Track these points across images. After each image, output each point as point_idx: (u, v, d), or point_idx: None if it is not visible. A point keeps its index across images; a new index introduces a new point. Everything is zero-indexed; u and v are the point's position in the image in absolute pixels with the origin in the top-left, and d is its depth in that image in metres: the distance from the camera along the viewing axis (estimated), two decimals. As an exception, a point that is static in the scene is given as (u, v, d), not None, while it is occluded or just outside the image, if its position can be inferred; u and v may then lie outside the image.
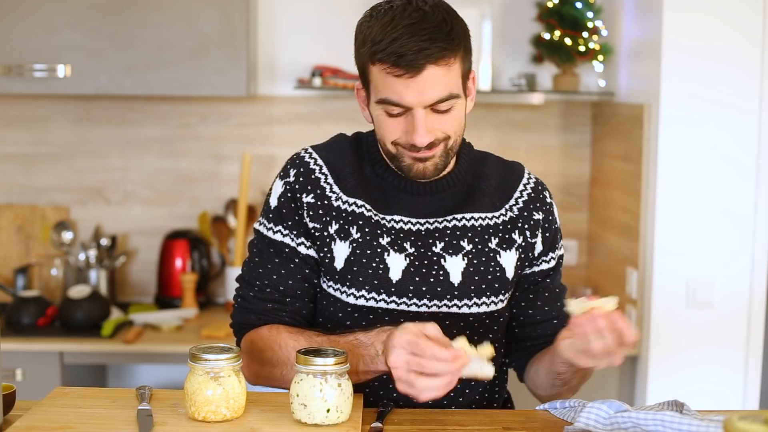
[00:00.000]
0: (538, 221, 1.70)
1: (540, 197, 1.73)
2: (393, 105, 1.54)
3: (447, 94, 1.53)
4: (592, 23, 3.04)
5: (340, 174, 1.65)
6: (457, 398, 1.67)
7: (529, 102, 3.16)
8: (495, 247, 1.66)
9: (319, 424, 1.42)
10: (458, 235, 1.64)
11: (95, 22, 2.93)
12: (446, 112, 1.55)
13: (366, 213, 1.63)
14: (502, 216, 1.68)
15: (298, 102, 3.27)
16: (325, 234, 1.63)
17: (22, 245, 3.29)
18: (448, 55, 1.51)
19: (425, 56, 1.49)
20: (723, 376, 2.74)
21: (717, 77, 2.67)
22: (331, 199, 1.64)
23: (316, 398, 1.41)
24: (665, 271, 2.72)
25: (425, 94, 1.52)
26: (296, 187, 1.64)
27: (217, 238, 3.24)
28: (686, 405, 1.50)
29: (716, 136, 2.69)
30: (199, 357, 1.45)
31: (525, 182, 1.73)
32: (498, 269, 1.66)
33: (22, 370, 2.79)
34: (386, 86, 1.53)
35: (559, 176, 3.33)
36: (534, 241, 1.70)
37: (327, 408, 1.41)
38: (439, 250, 1.63)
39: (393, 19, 1.51)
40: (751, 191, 2.71)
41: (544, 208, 1.72)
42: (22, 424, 1.44)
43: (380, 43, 1.51)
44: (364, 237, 1.62)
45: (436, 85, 1.52)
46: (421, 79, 1.50)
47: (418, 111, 1.53)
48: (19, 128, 3.28)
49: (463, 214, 1.66)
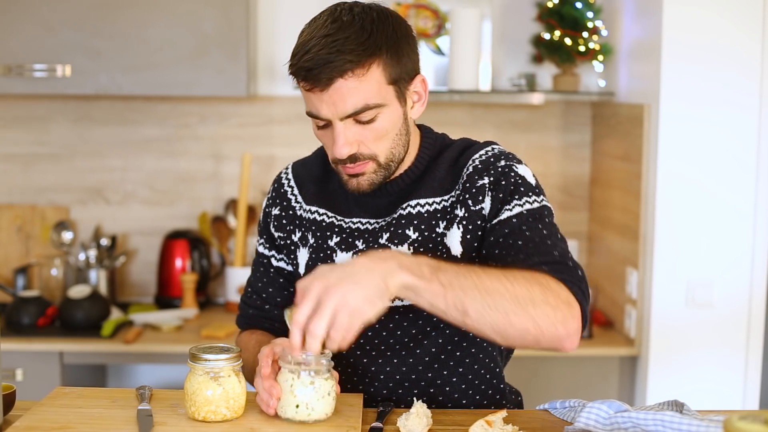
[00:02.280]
0: (483, 186, 1.58)
1: (490, 166, 1.59)
2: (315, 118, 1.55)
3: (362, 105, 1.51)
4: (592, 23, 3.05)
5: (303, 184, 1.73)
6: (460, 399, 1.67)
7: (529, 102, 3.16)
8: (442, 230, 1.61)
9: (290, 419, 1.45)
10: (403, 224, 1.62)
11: (95, 22, 2.93)
12: (369, 122, 1.53)
13: (320, 218, 1.68)
14: (451, 198, 1.62)
15: (298, 102, 3.26)
16: (289, 242, 1.72)
17: (22, 245, 3.29)
18: (357, 67, 1.48)
19: (330, 69, 1.48)
20: (723, 376, 2.74)
21: (717, 77, 2.67)
22: (295, 209, 1.72)
23: (286, 392, 1.45)
24: (665, 271, 2.72)
25: (338, 107, 1.51)
26: (270, 202, 1.76)
27: (217, 238, 3.24)
28: (686, 405, 1.50)
29: (716, 136, 2.69)
30: (199, 357, 1.45)
31: (476, 157, 1.61)
32: (444, 251, 1.60)
33: (22, 370, 2.79)
34: (307, 99, 1.55)
35: (559, 176, 3.33)
36: (479, 208, 1.57)
37: (296, 403, 1.44)
38: (385, 242, 1.62)
39: (312, 31, 1.54)
40: (751, 191, 2.71)
41: (494, 171, 1.58)
42: (22, 424, 1.44)
43: (295, 57, 1.53)
44: (317, 242, 1.67)
45: (347, 97, 1.50)
46: (332, 92, 1.50)
47: (337, 123, 1.53)
48: (19, 128, 3.28)
49: (409, 202, 1.63)
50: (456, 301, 1.37)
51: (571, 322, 1.42)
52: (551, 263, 1.48)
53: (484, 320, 1.38)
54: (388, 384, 1.65)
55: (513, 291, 1.38)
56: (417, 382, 1.65)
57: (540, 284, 1.42)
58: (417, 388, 1.65)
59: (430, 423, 1.47)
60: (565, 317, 1.41)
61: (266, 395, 1.46)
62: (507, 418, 1.50)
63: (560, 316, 1.40)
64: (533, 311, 1.38)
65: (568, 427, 1.48)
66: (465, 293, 1.37)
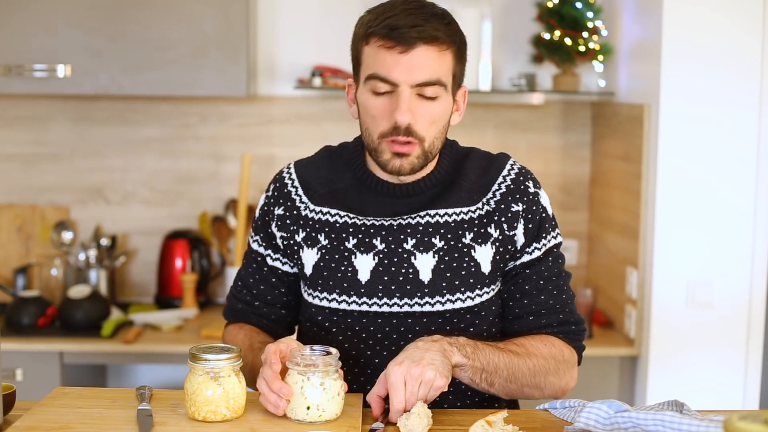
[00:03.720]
0: (517, 213, 1.66)
1: (521, 188, 1.68)
2: (381, 81, 1.55)
3: (436, 78, 1.55)
4: (592, 23, 3.04)
5: (309, 186, 1.72)
6: (455, 401, 1.68)
7: (529, 102, 3.16)
8: (469, 242, 1.64)
9: (300, 421, 1.46)
10: (430, 231, 1.64)
11: (95, 22, 2.93)
12: (431, 99, 1.56)
13: (332, 219, 1.68)
14: (479, 210, 1.66)
15: (298, 102, 3.27)
16: (292, 242, 1.71)
17: (22, 245, 3.29)
18: (442, 40, 1.54)
19: (418, 32, 1.52)
20: (723, 376, 2.74)
21: (717, 77, 2.67)
22: (299, 209, 1.71)
23: (296, 394, 1.46)
24: (665, 271, 2.72)
25: (413, 73, 1.53)
26: (271, 201, 1.75)
27: (217, 238, 3.24)
28: (686, 405, 1.50)
29: (716, 136, 2.69)
30: (199, 357, 1.45)
31: (505, 174, 1.69)
32: (473, 264, 1.64)
33: (22, 370, 2.79)
34: (376, 61, 1.55)
35: (559, 176, 3.33)
36: (512, 234, 1.66)
37: (307, 405, 1.45)
38: (410, 247, 1.64)
39: (393, 4, 1.57)
40: (751, 192, 2.71)
41: (526, 198, 1.67)
42: (22, 424, 1.44)
43: (375, 20, 1.55)
44: (331, 243, 1.67)
45: (425, 65, 1.53)
46: (412, 56, 1.53)
47: (404, 89, 1.54)
48: (19, 128, 3.28)
49: (436, 210, 1.65)
50: (487, 378, 1.58)
51: (570, 384, 1.68)
52: (565, 324, 1.69)
53: (503, 391, 1.61)
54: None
55: (532, 367, 1.61)
56: None
57: (555, 358, 1.64)
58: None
59: (430, 423, 1.47)
60: (567, 383, 1.67)
61: (275, 397, 1.46)
62: (507, 418, 1.50)
63: (563, 383, 1.67)
64: (543, 382, 1.63)
65: (568, 427, 1.48)
66: (495, 373, 1.57)
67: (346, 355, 1.66)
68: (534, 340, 1.65)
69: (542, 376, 1.62)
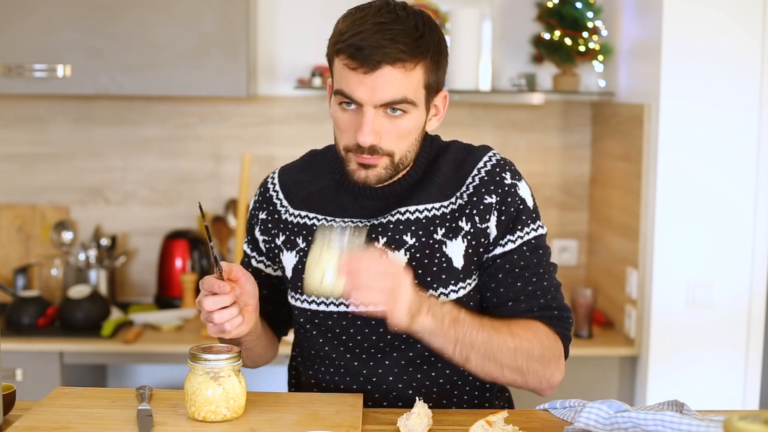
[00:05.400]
0: (490, 205, 1.62)
1: (496, 179, 1.63)
2: (346, 98, 1.54)
3: (401, 96, 1.52)
4: (592, 23, 3.04)
5: (289, 190, 1.74)
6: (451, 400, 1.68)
7: (529, 102, 3.16)
8: (441, 237, 1.62)
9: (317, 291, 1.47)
10: (401, 229, 1.63)
11: (95, 22, 2.93)
12: (397, 117, 1.54)
13: (310, 222, 1.69)
14: (452, 205, 1.64)
15: (297, 102, 3.27)
16: (273, 246, 1.74)
17: (22, 245, 3.29)
18: (408, 60, 1.51)
19: (382, 54, 1.49)
20: (723, 376, 2.74)
21: (717, 77, 2.67)
22: (280, 213, 1.73)
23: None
24: (665, 272, 2.72)
25: (376, 93, 1.51)
26: (257, 206, 1.78)
27: (217, 238, 3.24)
28: (686, 405, 1.50)
29: (716, 135, 2.69)
30: (199, 357, 1.45)
31: (480, 166, 1.65)
32: (444, 260, 1.62)
33: (22, 370, 2.79)
34: (342, 77, 1.54)
35: (559, 176, 3.33)
36: (485, 226, 1.62)
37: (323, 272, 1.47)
38: (382, 247, 1.62)
39: (364, 16, 1.53)
40: (751, 192, 2.71)
41: (500, 190, 1.63)
42: (22, 424, 1.44)
43: (344, 35, 1.53)
44: (309, 245, 1.66)
45: (389, 85, 1.51)
46: (376, 77, 1.50)
47: (368, 109, 1.53)
48: (19, 128, 3.28)
49: (407, 207, 1.64)
50: (462, 352, 1.52)
51: (556, 376, 1.61)
52: (547, 309, 1.63)
53: (481, 369, 1.56)
54: (381, 386, 1.66)
55: (513, 347, 1.55)
56: (409, 382, 1.65)
57: (539, 341, 1.58)
58: (411, 389, 1.65)
59: (430, 423, 1.47)
60: (552, 373, 1.60)
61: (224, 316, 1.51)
62: (507, 418, 1.50)
63: (548, 373, 1.60)
64: (526, 366, 1.56)
65: (568, 427, 1.49)
66: (472, 348, 1.52)
67: (327, 357, 1.68)
68: (518, 322, 1.60)
69: (524, 359, 1.55)
